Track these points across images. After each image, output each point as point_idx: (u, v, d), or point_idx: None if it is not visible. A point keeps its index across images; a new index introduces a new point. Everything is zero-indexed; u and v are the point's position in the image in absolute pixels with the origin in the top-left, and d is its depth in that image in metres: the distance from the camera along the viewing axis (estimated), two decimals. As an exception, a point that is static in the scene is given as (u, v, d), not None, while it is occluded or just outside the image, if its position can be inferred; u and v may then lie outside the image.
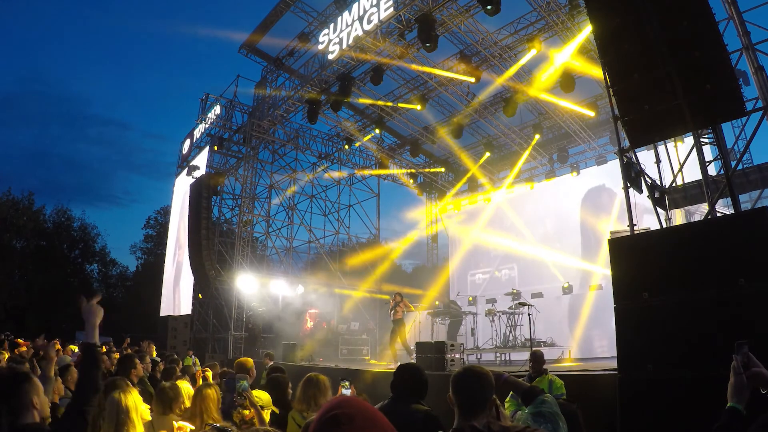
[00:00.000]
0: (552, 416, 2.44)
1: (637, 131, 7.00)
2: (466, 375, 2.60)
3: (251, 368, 6.55)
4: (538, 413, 2.45)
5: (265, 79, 22.11)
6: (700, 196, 8.35)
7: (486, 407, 2.50)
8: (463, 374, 2.61)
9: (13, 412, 2.66)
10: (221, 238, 24.12)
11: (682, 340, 5.52)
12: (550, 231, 19.90)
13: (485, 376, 2.57)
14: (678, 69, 6.39)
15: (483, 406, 2.49)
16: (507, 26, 15.36)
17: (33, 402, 2.70)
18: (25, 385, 2.71)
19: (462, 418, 2.45)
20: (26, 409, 2.69)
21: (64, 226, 46.93)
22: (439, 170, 24.94)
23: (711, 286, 5.45)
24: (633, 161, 7.70)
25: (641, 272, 6.17)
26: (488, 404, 2.51)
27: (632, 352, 6.00)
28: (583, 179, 19.62)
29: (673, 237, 6.55)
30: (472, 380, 2.53)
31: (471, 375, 2.58)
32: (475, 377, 2.56)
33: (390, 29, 15.24)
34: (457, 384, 2.55)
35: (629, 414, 5.78)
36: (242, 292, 20.53)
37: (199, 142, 26.59)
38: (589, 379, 7.94)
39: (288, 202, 25.01)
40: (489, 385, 2.55)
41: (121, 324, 34.99)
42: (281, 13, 18.91)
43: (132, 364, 6.64)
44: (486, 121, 19.40)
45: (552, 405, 2.52)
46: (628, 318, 6.13)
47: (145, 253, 51.49)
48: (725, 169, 7.03)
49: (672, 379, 5.43)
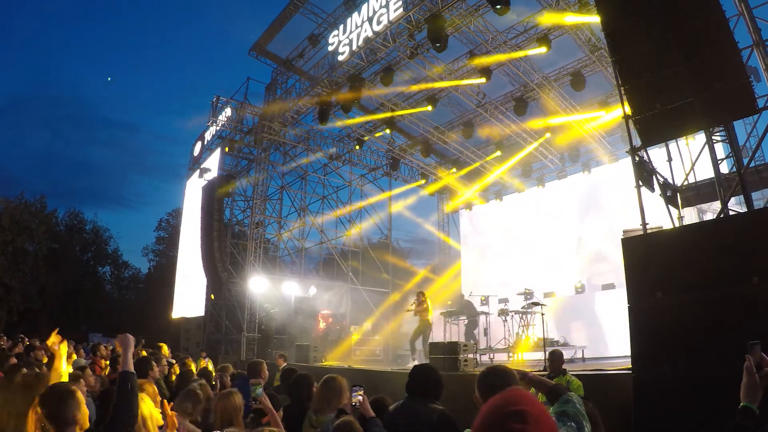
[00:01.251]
0: (577, 416, 2.44)
1: (648, 130, 6.97)
2: (490, 373, 2.61)
3: (262, 371, 6.58)
4: (563, 413, 2.45)
5: (275, 80, 22.20)
6: (712, 194, 8.31)
7: None
8: (487, 373, 2.63)
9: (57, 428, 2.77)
10: (233, 240, 24.21)
11: (695, 339, 5.49)
12: (561, 230, 19.83)
13: (511, 375, 2.60)
14: (689, 66, 6.37)
15: None
16: (516, 25, 15.33)
17: (76, 417, 2.84)
18: (69, 401, 2.83)
19: None
20: (69, 425, 2.81)
21: (77, 228, 47.25)
22: (451, 171, 24.89)
23: (724, 285, 5.40)
24: (645, 160, 7.67)
25: (654, 271, 6.13)
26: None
27: (646, 352, 5.98)
28: (594, 177, 19.56)
29: (686, 235, 6.52)
30: (497, 379, 2.55)
31: (495, 374, 2.60)
32: (500, 376, 2.57)
33: (399, 30, 15.26)
34: (481, 383, 2.57)
35: (643, 414, 5.76)
36: (255, 293, 20.61)
37: (210, 145, 26.72)
38: (603, 378, 7.91)
39: (299, 203, 25.08)
40: (515, 384, 2.56)
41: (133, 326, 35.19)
42: (290, 14, 18.98)
43: (149, 366, 6.67)
44: (497, 121, 19.34)
45: (577, 404, 2.52)
46: (641, 317, 6.09)
47: (157, 255, 51.80)
48: (737, 167, 6.99)
49: (686, 379, 5.41)
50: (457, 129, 20.52)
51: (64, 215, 46.99)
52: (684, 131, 7.42)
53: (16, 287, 37.23)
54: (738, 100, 6.28)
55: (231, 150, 24.22)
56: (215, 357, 18.41)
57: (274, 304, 20.99)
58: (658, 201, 7.90)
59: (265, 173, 22.76)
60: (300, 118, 21.51)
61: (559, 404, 2.50)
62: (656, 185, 7.76)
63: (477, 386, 2.57)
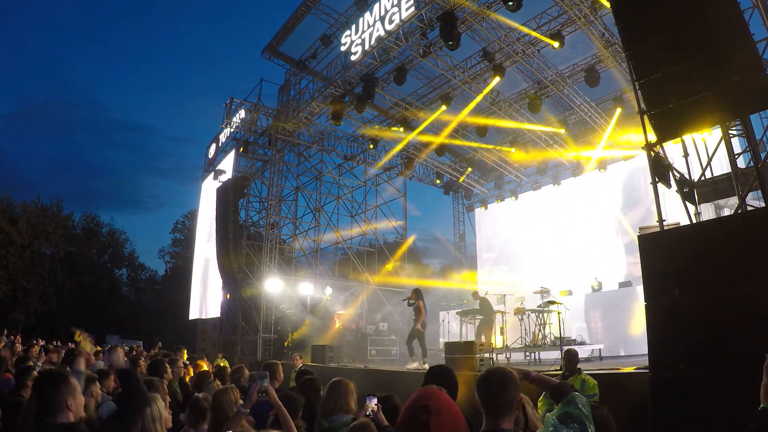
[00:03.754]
0: (580, 417, 2.38)
1: (663, 125, 6.89)
2: (488, 377, 2.55)
3: (278, 372, 6.55)
4: (566, 414, 2.39)
5: (288, 81, 22.25)
6: (729, 190, 8.18)
7: (512, 409, 2.46)
8: (486, 377, 2.56)
9: (49, 412, 2.75)
10: (249, 241, 24.28)
11: (714, 337, 5.40)
12: (578, 228, 19.71)
13: (509, 377, 2.52)
14: (704, 61, 6.28)
15: (508, 408, 2.45)
16: (529, 21, 15.24)
17: (68, 403, 2.82)
18: (61, 386, 2.82)
19: (488, 421, 2.41)
20: (61, 410, 2.80)
21: (93, 231, 47.77)
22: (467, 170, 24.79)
23: (743, 282, 5.30)
24: (661, 156, 7.58)
25: (672, 268, 6.05)
26: (515, 405, 2.47)
27: (663, 351, 5.89)
28: (610, 175, 19.42)
29: (704, 232, 6.42)
30: (495, 382, 2.49)
31: (493, 377, 2.53)
32: (498, 379, 2.51)
33: (412, 29, 15.21)
34: (480, 387, 2.51)
35: (661, 413, 5.68)
36: (270, 294, 20.65)
37: (225, 146, 26.84)
38: (620, 378, 7.83)
39: (314, 204, 25.09)
40: (514, 386, 2.50)
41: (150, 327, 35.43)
42: (303, 15, 19.02)
43: (163, 368, 6.67)
44: (511, 118, 19.24)
45: (580, 405, 2.46)
46: (659, 315, 6.01)
47: (173, 257, 52.21)
48: (755, 162, 6.86)
49: (704, 378, 5.32)
50: (471, 126, 20.41)
51: (81, 218, 47.64)
52: (700, 126, 7.29)
53: (33, 290, 37.71)
54: (754, 94, 6.17)
55: (245, 151, 24.28)
56: (231, 358, 18.45)
57: (290, 305, 21.01)
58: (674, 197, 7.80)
59: (279, 174, 22.79)
60: (314, 119, 21.47)
61: (563, 405, 2.45)
62: (672, 181, 7.66)
63: (476, 390, 2.52)
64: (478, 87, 17.58)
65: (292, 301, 21.20)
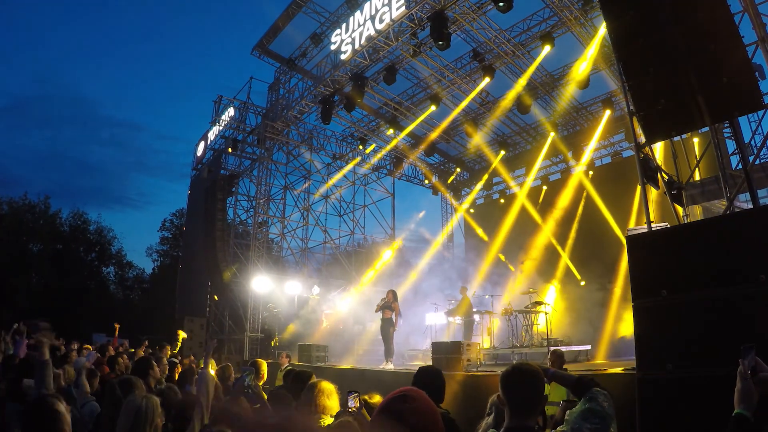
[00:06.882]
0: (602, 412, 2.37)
1: (653, 126, 6.90)
2: (517, 373, 2.51)
3: (263, 371, 6.54)
4: (588, 410, 2.38)
5: (278, 80, 22.18)
6: (717, 192, 8.23)
7: (539, 406, 2.47)
8: (513, 372, 2.51)
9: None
10: (236, 240, 24.22)
11: (702, 338, 5.41)
12: (566, 228, 19.77)
13: (537, 374, 2.50)
14: (694, 63, 6.30)
15: (536, 405, 2.44)
16: (520, 23, 15.28)
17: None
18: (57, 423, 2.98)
19: (514, 417, 2.38)
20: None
21: (81, 229, 47.30)
22: (456, 170, 24.81)
23: (731, 283, 5.32)
24: (649, 157, 7.60)
25: (660, 269, 6.06)
26: (542, 403, 2.48)
27: (651, 351, 5.90)
28: (598, 175, 19.48)
29: (692, 233, 6.43)
30: (524, 378, 2.46)
31: (522, 373, 2.50)
32: (527, 375, 2.48)
33: (402, 28, 15.19)
34: (507, 382, 2.48)
35: (648, 414, 5.68)
36: (258, 293, 20.57)
37: (213, 144, 26.67)
38: (606, 379, 7.83)
39: (302, 203, 25.03)
40: (541, 382, 2.49)
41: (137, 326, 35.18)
42: (293, 14, 18.94)
43: (149, 366, 6.60)
44: (500, 120, 19.28)
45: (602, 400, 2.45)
46: (646, 316, 6.01)
47: (161, 255, 51.82)
48: (743, 164, 6.89)
49: (692, 379, 5.33)
50: (460, 127, 20.44)
51: (68, 216, 47.10)
52: (689, 127, 7.32)
53: (20, 288, 37.34)
54: (743, 96, 6.20)
55: (234, 150, 24.17)
56: (218, 357, 18.36)
57: (278, 304, 20.94)
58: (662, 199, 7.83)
59: (268, 173, 22.71)
60: (303, 118, 21.42)
61: (585, 401, 2.43)
62: (661, 182, 7.68)
63: (501, 385, 2.47)
64: (468, 87, 17.60)
65: (279, 300, 21.13)
